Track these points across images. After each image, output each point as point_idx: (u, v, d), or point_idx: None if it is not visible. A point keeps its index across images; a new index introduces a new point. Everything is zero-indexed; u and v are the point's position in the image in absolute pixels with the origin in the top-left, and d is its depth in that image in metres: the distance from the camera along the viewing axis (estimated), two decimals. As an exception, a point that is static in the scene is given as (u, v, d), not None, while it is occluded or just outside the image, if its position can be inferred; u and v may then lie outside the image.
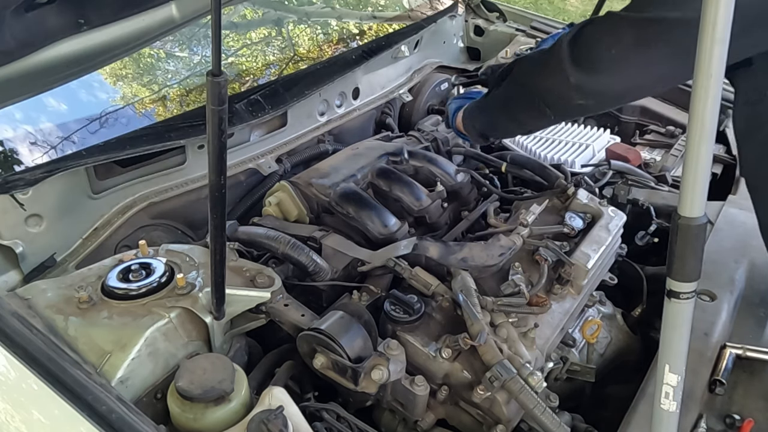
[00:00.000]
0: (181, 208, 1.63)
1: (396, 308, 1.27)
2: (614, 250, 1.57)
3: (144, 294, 1.14)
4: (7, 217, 1.30)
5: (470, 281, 1.28)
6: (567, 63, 1.13)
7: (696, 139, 0.69)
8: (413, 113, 2.26)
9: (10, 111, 1.46)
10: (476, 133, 1.49)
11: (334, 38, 2.28)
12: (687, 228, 0.73)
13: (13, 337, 1.00)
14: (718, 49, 0.66)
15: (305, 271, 1.36)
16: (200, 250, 1.29)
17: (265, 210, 1.58)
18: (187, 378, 1.00)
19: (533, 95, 1.26)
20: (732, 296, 1.48)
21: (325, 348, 1.17)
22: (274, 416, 0.93)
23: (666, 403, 0.80)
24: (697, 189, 0.71)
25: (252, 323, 1.26)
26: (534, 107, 1.27)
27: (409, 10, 2.46)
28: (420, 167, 1.72)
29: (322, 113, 1.95)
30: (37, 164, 1.37)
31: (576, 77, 1.12)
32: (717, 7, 0.64)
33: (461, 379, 1.20)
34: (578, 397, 1.47)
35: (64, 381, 0.94)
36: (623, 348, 1.59)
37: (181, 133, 1.50)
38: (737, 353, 1.35)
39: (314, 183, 1.57)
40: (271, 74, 2.05)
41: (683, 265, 0.74)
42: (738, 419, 1.24)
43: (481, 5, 2.63)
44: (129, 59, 1.79)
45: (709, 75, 0.66)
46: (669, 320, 0.77)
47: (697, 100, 0.68)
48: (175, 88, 1.85)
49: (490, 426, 1.20)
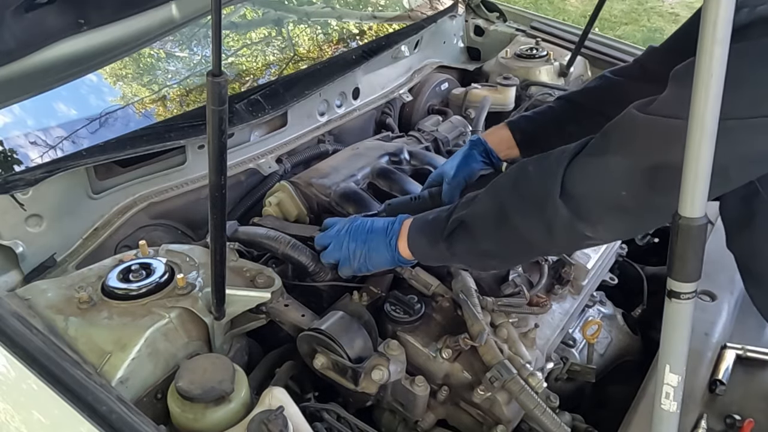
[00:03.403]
0: (181, 208, 1.62)
1: (396, 308, 1.27)
2: (614, 250, 1.57)
3: (144, 294, 1.14)
4: (7, 217, 1.30)
5: (470, 281, 1.28)
6: (579, 225, 0.96)
7: (696, 139, 0.69)
8: (413, 113, 2.25)
9: (10, 111, 1.46)
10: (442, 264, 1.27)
11: (334, 38, 2.28)
12: (687, 228, 0.73)
13: (13, 337, 1.00)
14: (718, 49, 0.65)
15: (305, 271, 1.36)
16: (200, 250, 1.29)
17: (265, 210, 1.58)
18: (187, 378, 1.00)
19: (535, 248, 1.09)
20: (732, 296, 1.48)
21: (326, 348, 1.17)
22: (275, 416, 0.93)
23: (666, 403, 0.79)
24: (697, 189, 0.71)
25: (252, 323, 1.25)
26: (536, 255, 1.21)
27: (409, 10, 2.46)
28: (420, 167, 1.72)
29: (322, 113, 1.95)
30: (37, 164, 1.37)
31: (594, 232, 0.97)
32: (717, 7, 0.64)
33: (461, 380, 1.20)
34: (578, 398, 1.47)
35: (64, 381, 0.94)
36: (623, 348, 1.59)
37: (181, 133, 1.50)
38: (737, 353, 1.35)
39: (314, 183, 1.57)
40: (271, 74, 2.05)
41: (684, 265, 0.74)
42: (738, 419, 1.24)
43: (481, 5, 2.63)
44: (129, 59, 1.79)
45: (710, 75, 0.66)
46: (669, 320, 0.77)
47: (697, 100, 0.68)
48: (175, 88, 1.84)
49: (490, 426, 1.20)
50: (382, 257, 1.22)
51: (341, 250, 1.26)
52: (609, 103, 0.97)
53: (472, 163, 1.44)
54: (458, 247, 1.12)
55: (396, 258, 1.21)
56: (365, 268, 1.26)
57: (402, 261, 1.22)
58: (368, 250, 1.23)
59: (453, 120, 2.06)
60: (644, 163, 0.89)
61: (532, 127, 1.44)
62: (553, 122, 1.41)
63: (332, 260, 1.29)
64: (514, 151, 1.45)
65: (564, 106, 1.43)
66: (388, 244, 1.21)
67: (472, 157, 1.44)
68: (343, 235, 1.26)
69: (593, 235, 0.96)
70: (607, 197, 0.94)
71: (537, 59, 2.32)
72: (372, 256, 1.23)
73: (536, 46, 2.38)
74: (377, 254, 1.22)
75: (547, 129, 1.41)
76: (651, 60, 1.32)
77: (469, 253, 1.13)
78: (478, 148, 1.45)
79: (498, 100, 2.14)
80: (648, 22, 6.30)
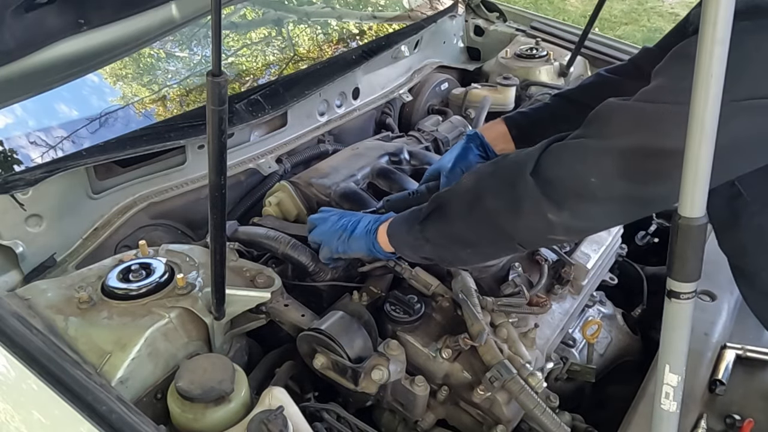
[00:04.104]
0: (181, 208, 1.63)
1: (396, 308, 1.27)
2: (614, 250, 1.57)
3: (144, 294, 1.14)
4: (7, 217, 1.30)
5: (470, 281, 1.28)
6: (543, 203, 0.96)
7: (696, 139, 0.69)
8: (413, 113, 2.25)
9: (10, 111, 1.46)
10: (419, 258, 1.22)
11: (334, 38, 2.28)
12: (687, 228, 0.73)
13: (13, 337, 1.00)
14: (718, 49, 0.65)
15: (305, 271, 1.36)
16: (200, 250, 1.29)
17: (265, 210, 1.58)
18: (187, 378, 1.00)
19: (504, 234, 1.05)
20: (732, 296, 1.48)
21: (325, 348, 1.17)
22: (274, 416, 0.93)
23: (666, 403, 0.80)
24: (697, 189, 0.71)
25: (252, 323, 1.26)
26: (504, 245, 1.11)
27: (409, 10, 2.46)
28: (420, 167, 1.72)
29: (322, 113, 1.95)
30: (37, 164, 1.37)
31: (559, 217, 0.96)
32: (717, 7, 0.64)
33: (461, 380, 1.20)
34: (578, 398, 1.47)
35: (64, 381, 0.94)
36: (623, 348, 1.59)
37: (181, 133, 1.50)
38: (737, 353, 1.35)
39: (314, 183, 1.57)
40: (271, 74, 2.05)
41: (683, 265, 0.74)
42: (738, 419, 1.24)
43: (481, 5, 2.63)
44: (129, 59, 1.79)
45: (710, 75, 0.66)
46: (669, 320, 0.77)
47: (697, 100, 0.68)
48: (175, 88, 1.84)
49: (490, 426, 1.20)
50: (360, 241, 1.24)
51: (327, 223, 1.29)
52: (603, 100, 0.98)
53: (470, 157, 1.44)
54: (431, 230, 1.13)
55: (371, 242, 1.23)
56: (342, 249, 1.27)
57: (377, 248, 1.23)
58: (351, 232, 1.26)
59: (453, 120, 2.06)
60: (616, 145, 0.91)
61: (527, 123, 1.45)
62: (549, 118, 1.42)
63: (317, 239, 1.32)
64: (510, 146, 1.45)
65: (560, 102, 1.44)
66: (370, 229, 1.24)
67: (469, 150, 1.45)
68: (336, 214, 1.31)
69: (557, 220, 0.96)
70: (577, 182, 0.95)
71: (537, 59, 2.32)
72: (352, 240, 1.25)
73: (536, 46, 2.38)
74: (358, 238, 1.25)
75: (543, 124, 1.42)
76: (645, 59, 1.33)
77: (441, 236, 1.13)
78: (475, 141, 1.46)
79: (498, 100, 2.14)
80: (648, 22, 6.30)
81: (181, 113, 1.62)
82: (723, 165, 0.75)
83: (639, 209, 1.00)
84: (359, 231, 1.25)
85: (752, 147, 0.90)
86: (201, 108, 1.50)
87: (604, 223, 1.08)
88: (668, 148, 0.85)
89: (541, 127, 1.41)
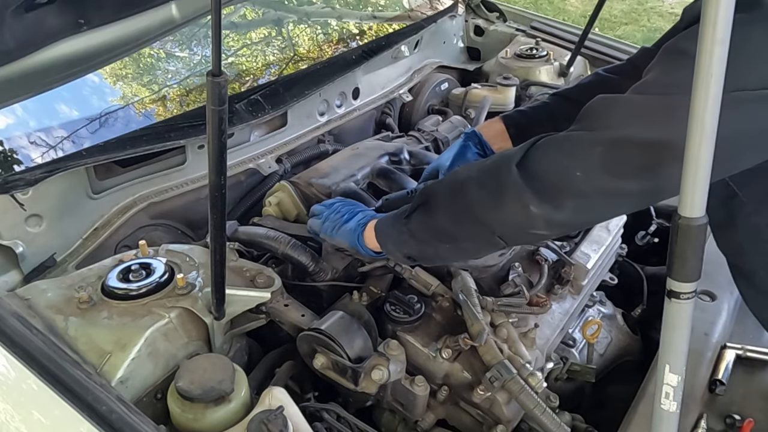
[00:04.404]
0: (181, 208, 1.63)
1: (396, 308, 1.27)
2: (614, 250, 1.57)
3: (144, 294, 1.14)
4: (7, 217, 1.30)
5: (470, 281, 1.28)
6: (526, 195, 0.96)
7: (696, 139, 0.69)
8: (413, 113, 2.25)
9: (10, 111, 1.46)
10: (401, 256, 1.20)
11: (334, 38, 2.28)
12: (687, 228, 0.73)
13: (13, 337, 1.00)
14: (718, 49, 0.65)
15: (305, 271, 1.36)
16: (200, 250, 1.29)
17: (265, 210, 1.58)
18: (187, 378, 1.00)
19: (484, 228, 1.05)
20: (732, 296, 1.48)
21: (325, 348, 1.17)
22: (274, 416, 0.93)
23: (666, 403, 0.80)
24: (697, 189, 0.71)
25: (252, 323, 1.26)
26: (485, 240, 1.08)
27: (409, 10, 2.46)
28: (420, 167, 1.72)
29: (322, 113, 1.95)
30: (37, 164, 1.37)
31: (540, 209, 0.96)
32: (717, 7, 0.64)
33: (461, 380, 1.20)
34: (578, 398, 1.47)
35: (64, 381, 0.94)
36: (623, 348, 1.59)
37: (181, 133, 1.50)
38: (737, 353, 1.35)
39: (314, 183, 1.57)
40: (271, 74, 2.05)
41: (683, 265, 0.74)
42: (738, 419, 1.24)
43: (481, 5, 2.63)
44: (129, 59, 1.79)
45: (710, 75, 0.66)
46: (669, 320, 0.77)
47: (697, 100, 0.68)
48: (175, 88, 1.84)
49: (490, 426, 1.20)
50: (347, 233, 1.25)
51: (330, 207, 1.31)
52: None
53: (468, 155, 1.44)
54: (415, 223, 1.13)
55: (357, 236, 1.23)
56: (330, 233, 1.28)
57: (360, 242, 1.23)
58: (344, 222, 1.26)
59: (453, 120, 2.06)
60: (603, 137, 0.91)
61: (525, 121, 1.45)
62: (547, 117, 1.42)
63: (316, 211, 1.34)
64: (508, 144, 1.46)
65: (558, 101, 1.44)
66: (360, 223, 1.24)
67: (467, 149, 1.45)
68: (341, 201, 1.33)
69: (538, 212, 0.96)
70: (561, 175, 0.95)
71: (537, 59, 2.32)
72: (342, 229, 1.26)
73: (536, 46, 2.38)
74: (346, 230, 1.25)
75: (541, 123, 1.42)
76: (643, 59, 1.33)
77: (424, 229, 1.12)
78: (473, 140, 1.46)
79: (498, 100, 2.14)
80: (648, 22, 6.30)
81: (181, 113, 1.62)
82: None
83: (621, 205, 1.01)
84: (351, 223, 1.26)
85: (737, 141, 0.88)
86: (201, 108, 1.50)
87: (586, 218, 1.08)
88: (654, 139, 0.85)
89: (539, 125, 1.41)
